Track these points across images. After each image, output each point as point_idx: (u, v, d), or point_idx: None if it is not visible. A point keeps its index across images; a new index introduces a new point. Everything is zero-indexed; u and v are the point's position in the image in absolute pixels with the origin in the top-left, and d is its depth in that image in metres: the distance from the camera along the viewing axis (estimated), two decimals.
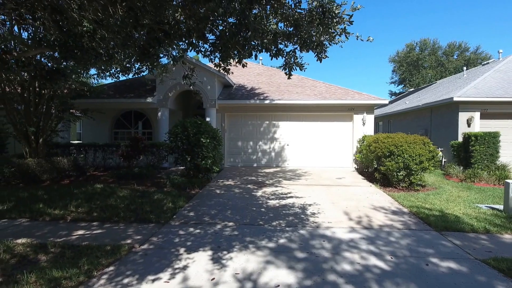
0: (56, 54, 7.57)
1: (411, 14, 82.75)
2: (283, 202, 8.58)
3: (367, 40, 5.79)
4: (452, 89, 19.12)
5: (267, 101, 15.09)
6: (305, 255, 5.05)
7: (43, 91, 11.04)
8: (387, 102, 16.45)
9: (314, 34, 5.33)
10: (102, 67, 8.75)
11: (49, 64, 8.75)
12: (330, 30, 5.32)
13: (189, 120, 11.20)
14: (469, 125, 15.33)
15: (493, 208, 8.22)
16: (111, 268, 4.51)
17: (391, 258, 4.96)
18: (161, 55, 7.30)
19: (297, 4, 4.95)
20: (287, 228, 6.39)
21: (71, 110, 12.58)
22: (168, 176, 11.17)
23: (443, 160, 16.37)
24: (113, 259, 4.73)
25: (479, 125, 15.37)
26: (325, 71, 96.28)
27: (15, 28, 8.38)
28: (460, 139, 14.41)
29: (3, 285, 3.87)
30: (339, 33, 5.48)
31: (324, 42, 5.81)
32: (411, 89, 37.65)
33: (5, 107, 10.67)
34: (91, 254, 4.82)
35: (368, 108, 15.46)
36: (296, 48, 6.08)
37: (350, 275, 4.38)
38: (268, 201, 8.68)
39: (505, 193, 7.88)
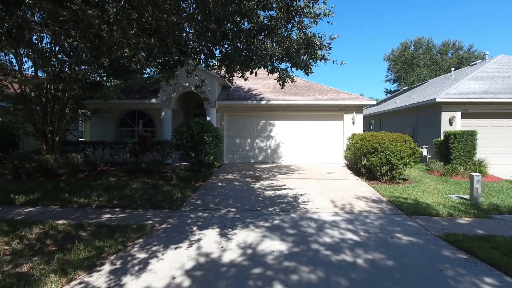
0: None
1: (406, 11, 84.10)
2: (278, 192, 9.75)
3: (341, 64, 7.36)
4: (439, 89, 20.21)
5: (263, 102, 16.23)
6: (295, 231, 6.23)
7: (58, 94, 12.11)
8: (374, 102, 17.69)
9: (301, 58, 6.66)
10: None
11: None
12: (313, 56, 6.65)
13: (193, 120, 12.34)
14: (451, 124, 16.51)
15: (461, 198, 9.39)
16: (140, 240, 5.67)
17: (364, 234, 6.15)
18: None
19: (288, 35, 6.16)
20: (281, 213, 7.56)
21: (82, 111, 13.65)
22: (173, 171, 12.29)
23: (428, 156, 17.54)
24: (141, 234, 5.90)
25: (461, 124, 16.54)
26: (322, 68, 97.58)
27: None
28: (442, 137, 15.59)
29: (59, 252, 4.99)
30: (319, 58, 6.81)
31: (308, 64, 7.10)
32: (404, 88, 38.44)
33: (24, 108, 11.74)
34: (122, 230, 5.97)
35: (357, 108, 16.64)
36: (288, 66, 7.41)
37: (329, 244, 5.55)
38: (265, 192, 9.85)
39: (471, 184, 9.06)
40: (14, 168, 11.23)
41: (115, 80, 7.08)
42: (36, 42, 8.04)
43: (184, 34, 6.12)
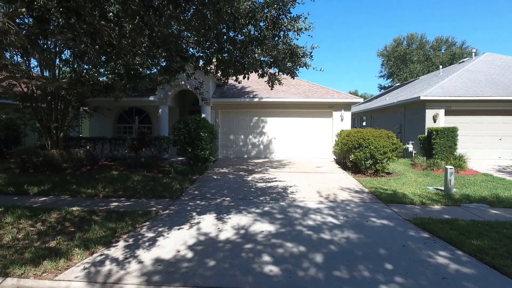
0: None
1: (400, 8, 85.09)
2: (269, 184, 10.60)
3: (320, 70, 8.44)
4: (426, 87, 21.04)
5: (256, 99, 17.04)
6: (282, 216, 7.10)
7: (63, 92, 12.83)
8: (361, 100, 18.63)
9: (286, 65, 7.65)
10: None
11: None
12: (296, 63, 7.63)
13: (189, 117, 13.16)
14: (434, 121, 17.42)
15: (437, 189, 10.28)
16: (147, 223, 6.50)
17: (343, 218, 7.02)
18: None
19: (276, 45, 7.06)
20: (271, 201, 8.42)
21: (84, 108, 14.39)
22: (171, 165, 13.09)
23: (414, 152, 18.43)
24: (147, 218, 6.73)
25: (444, 121, 17.43)
26: (319, 63, 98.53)
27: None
28: (426, 133, 16.49)
29: (78, 232, 5.79)
30: (302, 66, 7.80)
31: (293, 69, 8.07)
32: (397, 84, 38.83)
33: (31, 105, 12.47)
34: (130, 215, 6.79)
35: (346, 106, 17.52)
36: (276, 71, 8.34)
37: (312, 227, 6.41)
38: (257, 183, 10.69)
39: (445, 176, 9.95)
40: (22, 162, 11.96)
41: (122, 81, 7.87)
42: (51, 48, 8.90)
43: (185, 40, 6.98)
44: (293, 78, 8.67)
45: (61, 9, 4.39)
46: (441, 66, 28.87)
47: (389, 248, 5.40)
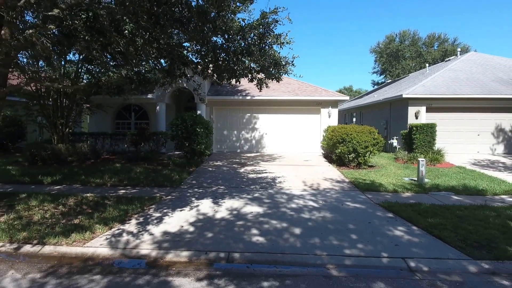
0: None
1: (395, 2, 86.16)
2: (260, 175, 11.68)
3: (299, 76, 9.74)
4: (411, 85, 22.02)
5: (248, 97, 18.10)
6: (270, 201, 8.20)
7: (67, 90, 13.78)
8: (347, 98, 19.73)
9: (272, 72, 8.88)
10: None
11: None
12: (280, 71, 8.83)
13: (186, 114, 14.19)
14: (416, 118, 18.51)
15: (412, 179, 11.40)
16: (153, 206, 7.57)
17: (322, 202, 8.13)
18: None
19: (262, 56, 8.20)
20: (260, 189, 9.51)
21: (87, 105, 15.36)
22: (169, 158, 14.14)
23: (398, 146, 19.56)
24: (153, 202, 7.80)
25: (425, 118, 18.50)
26: (315, 62, 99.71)
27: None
28: (408, 129, 17.60)
29: (96, 212, 6.83)
30: (284, 73, 9.02)
31: (277, 75, 9.28)
32: (388, 81, 39.32)
33: (38, 103, 13.42)
34: (138, 200, 7.84)
35: (333, 103, 18.64)
36: (264, 77, 9.54)
37: (294, 209, 7.52)
38: (249, 175, 11.78)
39: (418, 167, 11.06)
40: (31, 156, 12.91)
41: (133, 85, 8.97)
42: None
43: (186, 50, 8.09)
44: (278, 82, 9.92)
45: (86, 28, 5.38)
46: (427, 65, 29.84)
47: (357, 224, 6.51)
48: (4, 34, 6.44)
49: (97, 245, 5.32)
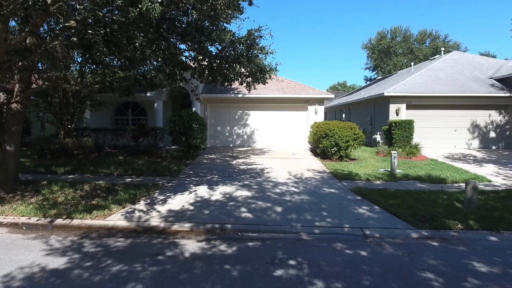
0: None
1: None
2: (250, 167, 12.99)
3: (281, 81, 10.92)
4: (394, 83, 23.19)
5: (240, 95, 19.35)
6: (257, 187, 9.53)
7: (83, 91, 14.94)
8: (333, 96, 21.14)
9: (258, 76, 10.26)
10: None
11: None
12: (265, 76, 10.23)
13: (183, 111, 15.43)
14: (397, 114, 19.81)
15: (386, 170, 12.72)
16: (157, 191, 8.86)
17: (303, 188, 9.46)
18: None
19: (251, 63, 9.57)
20: (250, 178, 10.82)
21: (91, 102, 16.54)
22: (167, 152, 15.39)
23: (381, 141, 20.87)
24: (156, 188, 9.09)
25: (405, 115, 19.75)
26: (311, 59, 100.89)
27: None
28: (388, 125, 18.92)
29: (110, 195, 8.08)
30: (269, 78, 10.42)
31: (263, 79, 10.69)
32: (379, 77, 40.23)
33: (46, 100, 14.59)
34: (144, 186, 9.12)
35: (319, 101, 19.97)
36: (252, 81, 10.94)
37: (278, 193, 8.85)
38: (240, 166, 13.08)
39: (391, 159, 12.41)
40: (41, 149, 14.08)
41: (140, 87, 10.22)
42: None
43: (185, 57, 9.42)
44: (264, 84, 11.42)
45: (104, 42, 6.61)
46: (412, 63, 31.09)
47: (329, 205, 7.85)
48: (29, 43, 7.67)
49: (116, 219, 6.59)
